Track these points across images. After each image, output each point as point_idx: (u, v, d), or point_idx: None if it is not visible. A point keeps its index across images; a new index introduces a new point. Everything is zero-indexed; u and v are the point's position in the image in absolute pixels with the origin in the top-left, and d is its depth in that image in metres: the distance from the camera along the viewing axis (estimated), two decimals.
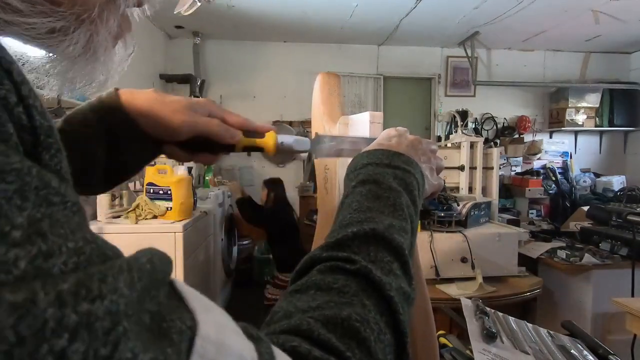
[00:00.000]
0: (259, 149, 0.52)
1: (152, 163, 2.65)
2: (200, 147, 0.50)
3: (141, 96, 0.47)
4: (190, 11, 0.52)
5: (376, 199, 0.40)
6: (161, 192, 2.14)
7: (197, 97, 4.01)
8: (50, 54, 0.31)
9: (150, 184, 2.15)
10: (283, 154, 0.54)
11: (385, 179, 0.42)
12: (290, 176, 4.53)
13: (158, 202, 2.13)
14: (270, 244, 3.16)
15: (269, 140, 0.51)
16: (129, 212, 2.12)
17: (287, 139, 0.53)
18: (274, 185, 3.24)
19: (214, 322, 0.20)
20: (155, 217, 2.12)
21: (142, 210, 2.11)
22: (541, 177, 4.08)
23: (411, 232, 0.40)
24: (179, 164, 2.38)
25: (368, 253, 0.34)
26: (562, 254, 2.27)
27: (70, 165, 0.32)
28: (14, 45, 0.29)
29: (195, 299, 0.21)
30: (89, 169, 0.46)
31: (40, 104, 0.20)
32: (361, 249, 0.34)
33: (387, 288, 0.31)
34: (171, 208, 2.15)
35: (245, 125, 0.51)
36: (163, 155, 0.52)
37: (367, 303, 0.30)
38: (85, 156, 0.45)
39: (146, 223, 2.09)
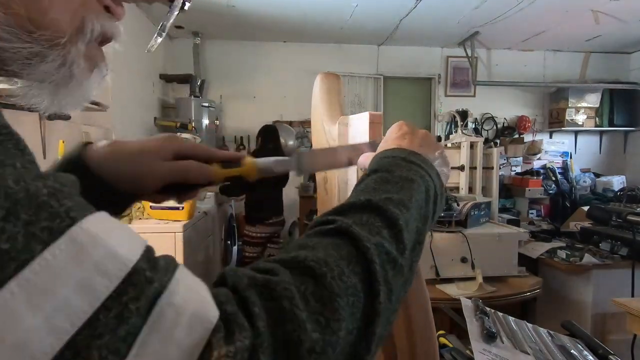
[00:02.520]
0: (239, 178, 0.50)
1: None
2: (179, 187, 0.48)
3: (102, 154, 0.46)
4: (155, 46, 0.50)
5: (385, 183, 0.41)
6: None
7: (197, 97, 4.01)
8: (31, 78, 0.34)
9: None
10: (265, 176, 0.52)
11: (398, 168, 0.43)
12: (290, 176, 4.53)
13: (166, 202, 2.14)
14: (250, 188, 3.04)
15: (248, 167, 0.50)
16: (122, 217, 2.13)
17: (266, 162, 0.52)
18: (266, 132, 3.25)
19: (102, 226, 0.23)
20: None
21: (134, 215, 2.12)
22: (541, 177, 4.08)
23: (421, 219, 0.40)
24: None
25: (360, 217, 0.36)
26: (562, 254, 2.27)
27: None
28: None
29: (96, 221, 0.23)
30: None
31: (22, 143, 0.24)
32: (354, 215, 0.36)
33: (363, 240, 0.32)
34: (182, 208, 2.15)
35: (218, 157, 0.50)
36: None
37: (331, 252, 0.31)
38: None
39: (146, 223, 2.09)
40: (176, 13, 0.44)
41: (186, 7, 0.44)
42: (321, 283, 0.29)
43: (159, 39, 0.49)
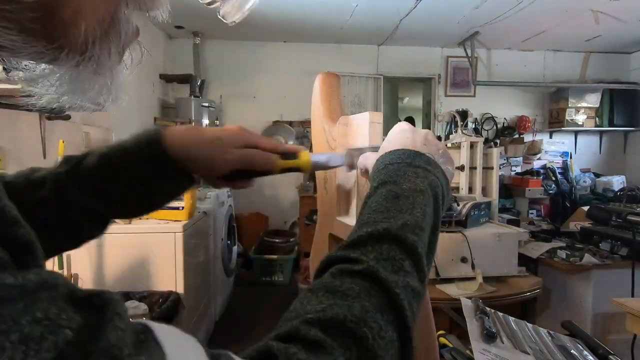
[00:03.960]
0: (296, 169, 0.55)
1: None
2: (240, 174, 0.53)
3: (183, 138, 0.49)
4: (236, 19, 0.53)
5: (395, 199, 0.41)
6: None
7: (197, 97, 4.01)
8: (53, 67, 0.32)
9: None
10: (318, 171, 0.57)
11: (405, 179, 0.43)
12: (290, 176, 4.53)
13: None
14: None
15: (304, 160, 0.55)
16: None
17: (320, 157, 0.56)
18: None
19: None
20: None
21: None
22: (541, 177, 4.08)
23: (431, 230, 0.41)
24: None
25: (380, 252, 0.36)
26: (562, 254, 2.27)
27: (110, 191, 0.47)
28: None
29: (170, 345, 0.22)
30: (127, 195, 0.50)
31: None
32: (374, 248, 0.36)
33: (392, 286, 0.33)
34: (183, 208, 2.15)
35: (278, 149, 0.54)
36: None
37: (366, 304, 0.31)
38: (122, 184, 0.49)
39: (146, 223, 2.09)
40: None
41: None
42: (364, 346, 0.29)
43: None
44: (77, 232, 0.51)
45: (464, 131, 3.14)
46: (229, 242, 3.38)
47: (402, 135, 0.50)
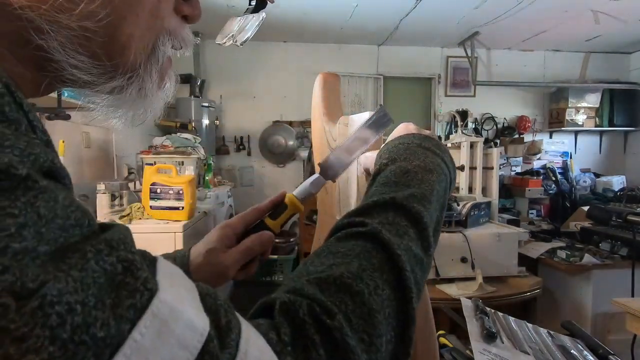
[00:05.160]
0: (292, 213, 0.56)
1: (152, 162, 2.65)
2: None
3: (202, 260, 0.54)
4: (228, 43, 0.58)
5: (404, 174, 0.42)
6: (171, 192, 2.13)
7: (197, 97, 4.01)
8: (110, 101, 0.39)
9: (155, 184, 2.14)
10: (309, 199, 0.57)
11: (415, 157, 0.44)
12: (290, 176, 4.53)
13: (164, 202, 2.13)
14: None
15: (291, 202, 0.55)
16: (121, 217, 2.12)
17: (302, 189, 0.56)
18: None
19: (175, 293, 0.23)
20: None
21: (134, 215, 2.11)
22: (541, 177, 4.08)
23: (439, 209, 0.42)
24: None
25: (386, 217, 0.37)
26: (562, 254, 2.27)
27: None
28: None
29: (166, 274, 0.24)
30: None
31: (41, 125, 0.26)
32: (379, 215, 0.37)
33: (394, 247, 0.34)
34: (183, 208, 2.14)
35: (267, 210, 0.56)
36: (163, 156, 0.56)
37: (364, 263, 0.32)
38: None
39: (146, 223, 2.09)
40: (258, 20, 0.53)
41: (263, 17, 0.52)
42: (360, 300, 0.30)
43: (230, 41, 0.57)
44: None
45: (464, 131, 3.14)
46: None
47: (407, 130, 0.51)
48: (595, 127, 4.63)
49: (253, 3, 0.53)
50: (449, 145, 2.64)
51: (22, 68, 0.32)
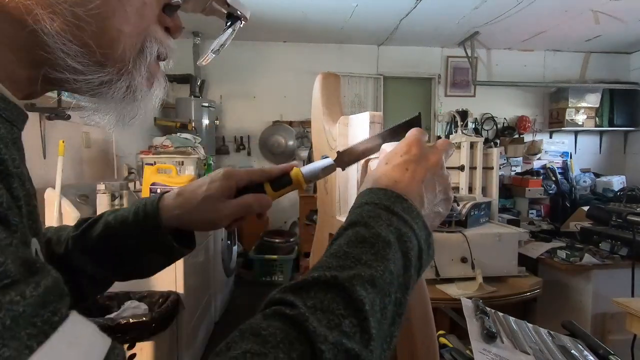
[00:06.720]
0: (292, 189, 0.55)
1: (152, 162, 2.65)
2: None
3: (176, 208, 0.53)
4: (208, 61, 0.61)
5: (359, 244, 0.37)
6: None
7: (197, 97, 4.01)
8: (99, 101, 0.40)
9: (155, 184, 2.14)
10: (314, 181, 0.56)
11: (376, 223, 0.39)
12: None
13: None
14: None
15: (297, 179, 0.54)
16: None
17: (311, 171, 0.55)
18: None
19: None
20: None
21: None
22: (541, 177, 4.08)
23: (398, 288, 0.37)
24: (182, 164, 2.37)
25: (321, 301, 0.32)
26: (562, 254, 2.27)
27: (109, 260, 0.54)
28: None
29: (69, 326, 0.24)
30: (124, 264, 0.55)
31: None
32: (316, 296, 0.33)
33: (319, 340, 0.29)
34: None
35: (272, 175, 0.55)
36: (163, 156, 0.57)
37: (281, 356, 0.28)
38: (120, 254, 0.53)
39: None
40: (232, 34, 0.55)
41: (240, 26, 0.54)
42: None
43: (212, 56, 0.59)
44: (79, 289, 0.55)
45: (464, 131, 3.14)
46: (229, 242, 3.38)
47: (403, 163, 0.45)
48: (595, 127, 4.63)
49: (229, 23, 0.56)
50: None
51: (16, 65, 0.33)
